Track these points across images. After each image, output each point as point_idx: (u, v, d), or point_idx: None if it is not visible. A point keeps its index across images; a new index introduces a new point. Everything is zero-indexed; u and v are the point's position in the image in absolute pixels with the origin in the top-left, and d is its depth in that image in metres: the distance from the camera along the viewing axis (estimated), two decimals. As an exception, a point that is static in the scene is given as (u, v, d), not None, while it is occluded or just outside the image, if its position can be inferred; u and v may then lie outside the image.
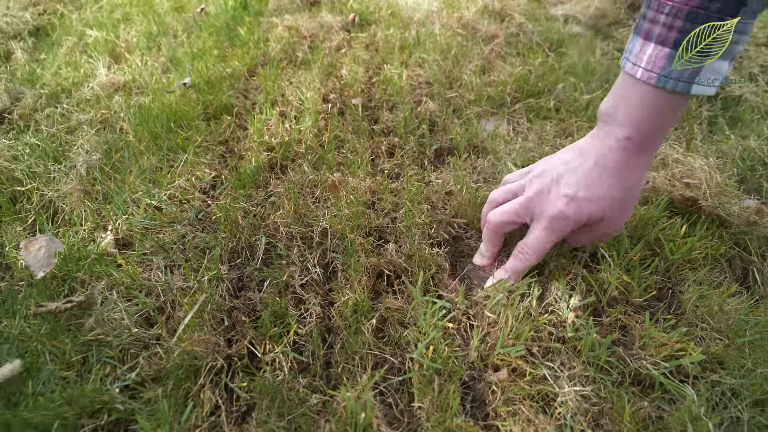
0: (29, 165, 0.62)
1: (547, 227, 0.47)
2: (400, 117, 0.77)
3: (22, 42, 0.90)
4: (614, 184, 0.46)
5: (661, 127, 0.45)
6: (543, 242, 0.47)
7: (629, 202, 0.48)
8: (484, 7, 1.09)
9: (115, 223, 0.59)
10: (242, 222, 0.58)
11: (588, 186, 0.46)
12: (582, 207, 0.46)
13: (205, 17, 1.04)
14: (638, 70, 0.43)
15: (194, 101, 0.77)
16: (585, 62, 0.89)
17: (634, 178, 0.46)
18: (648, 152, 0.46)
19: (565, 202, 0.46)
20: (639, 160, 0.46)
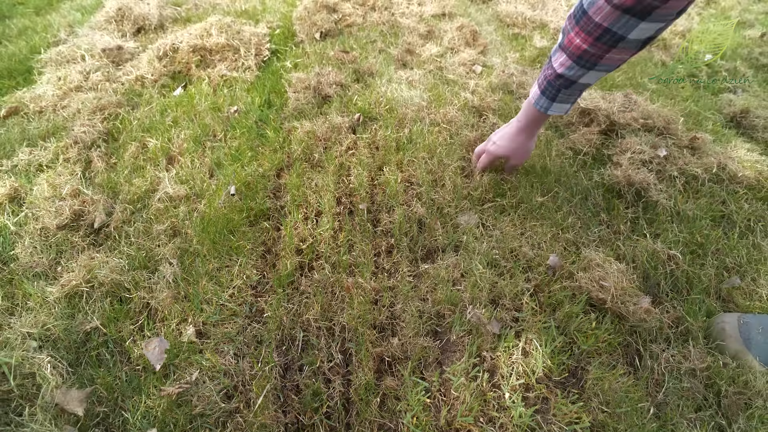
0: (133, 276, 0.87)
1: (486, 155, 1.05)
2: (396, 220, 1.01)
3: (97, 150, 1.14)
4: (512, 141, 1.00)
5: (534, 122, 0.95)
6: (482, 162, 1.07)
7: (521, 151, 1.01)
8: (465, 104, 1.34)
9: (195, 318, 0.84)
10: (285, 320, 0.83)
11: (502, 139, 1.01)
12: (498, 148, 1.02)
13: (237, 116, 1.28)
14: (530, 93, 0.90)
15: (239, 208, 1.02)
16: (542, 164, 1.14)
17: (523, 140, 0.99)
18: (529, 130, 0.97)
19: (492, 143, 1.03)
20: (523, 133, 0.98)
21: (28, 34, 1.76)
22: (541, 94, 0.87)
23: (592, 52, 0.74)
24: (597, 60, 0.75)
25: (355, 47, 1.65)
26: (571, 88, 0.82)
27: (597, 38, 0.72)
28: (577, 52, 0.76)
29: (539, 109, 0.89)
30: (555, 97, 0.85)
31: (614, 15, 0.68)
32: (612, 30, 0.70)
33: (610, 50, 0.73)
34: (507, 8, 1.90)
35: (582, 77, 0.80)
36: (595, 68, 0.77)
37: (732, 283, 0.91)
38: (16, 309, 0.84)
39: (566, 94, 0.84)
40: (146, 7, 1.75)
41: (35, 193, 1.01)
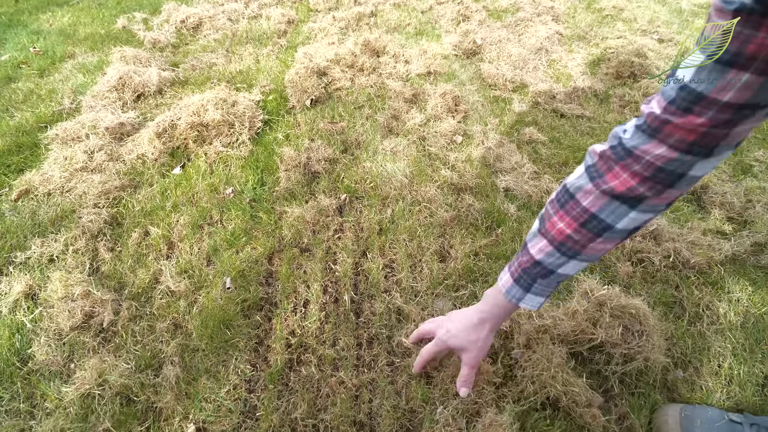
0: (140, 378, 0.98)
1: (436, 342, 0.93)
2: (377, 311, 1.12)
3: (103, 239, 1.24)
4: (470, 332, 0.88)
5: (501, 313, 0.85)
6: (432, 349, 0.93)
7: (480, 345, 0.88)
8: (445, 181, 1.44)
9: (195, 416, 0.95)
10: (275, 418, 0.94)
11: (457, 329, 0.89)
12: (451, 338, 0.90)
13: (233, 198, 1.39)
14: (500, 283, 0.82)
15: (234, 300, 1.12)
16: (512, 250, 1.24)
17: (483, 333, 0.87)
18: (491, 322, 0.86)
19: (445, 332, 0.91)
20: (485, 325, 0.87)
21: (33, 99, 1.85)
22: (515, 282, 0.78)
23: (576, 239, 0.69)
24: (580, 249, 0.69)
25: (344, 114, 1.75)
26: (548, 278, 0.75)
27: (582, 224, 0.67)
28: (560, 237, 0.70)
29: (510, 300, 0.80)
30: (530, 288, 0.77)
31: (602, 200, 0.65)
32: (599, 217, 0.66)
33: (595, 239, 0.68)
34: (489, 68, 2.00)
35: (561, 267, 0.73)
36: (576, 257, 0.71)
37: (676, 376, 1.02)
38: (36, 411, 0.95)
39: (542, 285, 0.76)
40: (146, 74, 1.85)
41: (49, 292, 1.11)
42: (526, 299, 0.78)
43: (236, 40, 2.28)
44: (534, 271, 0.75)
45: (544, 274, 0.74)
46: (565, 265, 0.72)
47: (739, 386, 1.00)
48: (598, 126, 1.74)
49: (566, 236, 0.69)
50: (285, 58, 2.13)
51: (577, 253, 0.70)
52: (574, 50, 2.21)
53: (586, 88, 1.90)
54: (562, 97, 1.86)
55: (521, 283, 0.78)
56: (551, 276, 0.74)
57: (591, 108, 1.83)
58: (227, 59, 2.10)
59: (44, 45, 2.26)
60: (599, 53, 2.18)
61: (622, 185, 0.62)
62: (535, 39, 2.16)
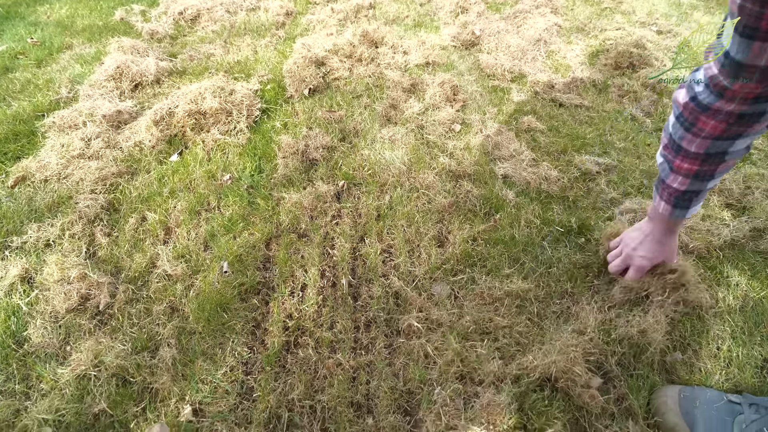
0: (136, 360, 0.97)
1: (636, 270, 1.05)
2: (374, 294, 1.11)
3: (100, 224, 1.24)
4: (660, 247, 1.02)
5: (676, 225, 0.99)
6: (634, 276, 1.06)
7: (673, 252, 1.04)
8: (443, 168, 1.44)
9: (191, 397, 0.94)
10: (272, 399, 0.93)
11: (650, 250, 1.02)
12: (649, 260, 1.03)
13: (230, 184, 1.38)
14: (660, 209, 0.95)
15: (232, 284, 1.12)
16: (510, 235, 1.24)
17: (670, 243, 1.02)
18: (674, 232, 1.01)
19: (641, 257, 1.03)
20: (669, 236, 1.01)
21: (30, 89, 1.85)
22: (674, 207, 0.92)
23: (705, 170, 0.81)
24: (713, 172, 0.82)
25: (342, 103, 1.75)
26: (699, 195, 0.89)
27: (703, 161, 0.80)
28: (691, 172, 0.83)
29: (676, 219, 0.96)
30: (688, 205, 0.91)
31: (707, 142, 0.76)
32: (712, 153, 0.77)
33: (721, 164, 0.80)
34: (488, 58, 1.99)
35: (707, 184, 0.86)
36: (714, 177, 0.84)
37: (675, 358, 1.01)
38: (31, 392, 0.94)
39: (698, 200, 0.91)
40: (143, 63, 1.84)
41: (45, 274, 1.10)
42: (689, 212, 0.93)
43: (234, 31, 2.28)
44: (686, 196, 0.89)
45: (695, 194, 0.88)
46: (709, 182, 0.85)
47: (738, 368, 1.00)
48: (597, 115, 1.74)
49: (695, 172, 0.82)
50: (283, 49, 2.13)
51: (712, 175, 0.83)
52: (573, 42, 2.21)
53: (585, 78, 1.90)
54: (560, 87, 1.86)
55: (680, 206, 0.91)
56: (701, 193, 0.88)
57: (590, 98, 1.82)
58: (225, 50, 2.10)
59: (42, 36, 2.25)
60: (598, 45, 2.18)
61: (715, 129, 0.73)
62: (534, 30, 2.15)
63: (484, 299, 1.12)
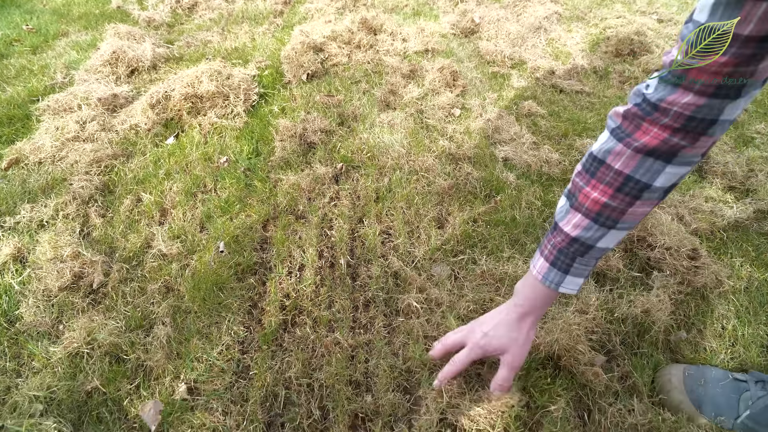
0: (130, 337, 0.95)
1: (470, 349, 0.82)
2: (373, 274, 1.10)
3: (94, 205, 1.22)
4: (511, 331, 0.80)
5: (541, 304, 0.78)
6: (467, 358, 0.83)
7: (523, 343, 0.80)
8: (443, 151, 1.42)
9: (186, 376, 0.92)
10: (269, 377, 0.91)
11: (495, 329, 0.81)
12: (490, 340, 0.81)
13: (227, 167, 1.36)
14: (534, 271, 0.76)
15: (227, 264, 1.10)
16: (512, 216, 1.22)
17: (525, 329, 0.80)
18: (533, 315, 0.80)
19: (481, 335, 0.81)
20: (526, 319, 0.80)
21: (25, 75, 1.83)
22: (551, 266, 0.74)
23: (614, 206, 0.66)
24: (619, 216, 0.67)
25: (341, 89, 1.73)
26: (587, 255, 0.71)
27: (618, 189, 0.65)
28: (596, 207, 0.67)
29: (548, 286, 0.75)
30: (569, 269, 0.73)
31: (635, 159, 0.62)
32: (635, 178, 0.63)
33: (634, 202, 0.65)
34: (487, 45, 1.98)
35: (600, 239, 0.69)
36: (616, 227, 0.68)
37: (679, 337, 0.99)
38: (23, 370, 0.92)
39: (581, 264, 0.72)
40: (140, 49, 1.82)
41: (38, 254, 1.08)
42: (566, 282, 0.74)
43: (232, 19, 2.26)
44: (571, 249, 0.71)
45: (582, 252, 0.71)
46: (604, 238, 0.69)
47: (743, 347, 0.98)
48: (598, 101, 1.72)
49: (602, 205, 0.66)
50: (281, 36, 2.11)
51: (616, 222, 0.67)
52: (573, 30, 2.19)
53: (586, 65, 1.88)
54: (561, 74, 1.84)
55: (559, 266, 0.73)
56: (590, 251, 0.71)
57: (590, 84, 1.81)
58: (222, 37, 2.08)
59: (37, 24, 2.23)
60: (598, 33, 2.16)
61: (654, 139, 0.60)
62: (534, 18, 2.14)
63: (484, 279, 1.10)
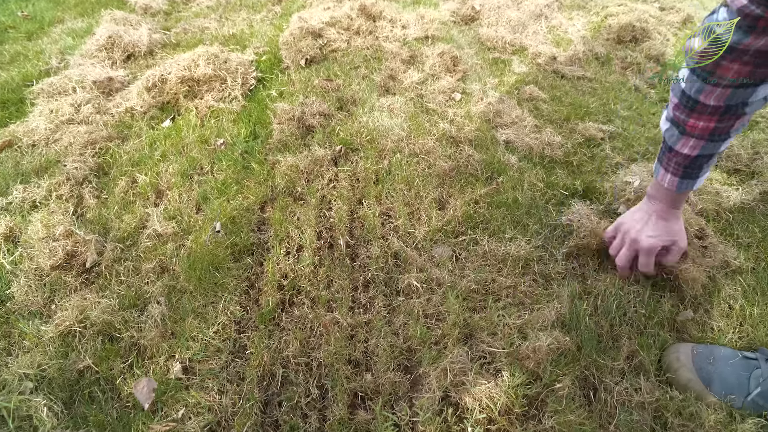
0: (123, 316, 0.93)
1: (647, 252, 0.91)
2: (373, 254, 1.07)
3: (89, 186, 1.19)
4: (668, 225, 0.90)
5: (680, 200, 0.89)
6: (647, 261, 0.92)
7: (680, 233, 0.91)
8: (443, 134, 1.40)
9: (181, 355, 0.90)
10: (266, 356, 0.89)
11: (656, 230, 0.90)
12: (661, 238, 0.90)
13: (224, 149, 1.34)
14: (665, 183, 0.87)
15: (224, 244, 1.07)
16: (513, 198, 1.20)
17: (678, 222, 0.91)
18: (678, 209, 0.90)
19: (650, 237, 0.90)
20: (674, 214, 0.90)
21: (20, 60, 1.80)
22: (682, 178, 0.85)
23: (722, 126, 0.75)
24: (729, 129, 0.76)
25: (339, 74, 1.71)
26: (710, 161, 0.83)
27: (721, 115, 0.73)
28: (706, 132, 0.76)
29: (686, 189, 0.87)
30: (699, 174, 0.84)
31: (727, 93, 0.70)
32: (732, 104, 0.71)
33: (741, 117, 0.74)
34: (488, 31, 1.95)
35: (720, 146, 0.80)
36: (729, 136, 0.78)
37: (686, 316, 0.97)
38: (13, 348, 0.90)
39: (708, 166, 0.84)
40: (136, 34, 1.80)
41: (29, 232, 1.06)
42: (698, 183, 0.86)
43: (230, 7, 2.23)
44: (698, 162, 0.81)
45: (707, 159, 0.81)
46: (723, 144, 0.79)
47: (751, 326, 0.96)
48: (600, 86, 1.70)
49: (712, 129, 0.75)
50: (280, 23, 2.08)
51: (728, 134, 0.77)
52: (574, 18, 2.17)
53: (587, 51, 1.86)
54: (562, 60, 1.82)
55: (690, 175, 0.84)
56: (713, 157, 0.82)
57: (592, 69, 1.79)
58: (220, 24, 2.06)
59: (33, 11, 2.20)
60: (599, 21, 2.14)
61: (739, 73, 0.67)
62: (534, 6, 2.11)
63: (486, 260, 1.07)
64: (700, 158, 0.81)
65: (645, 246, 0.90)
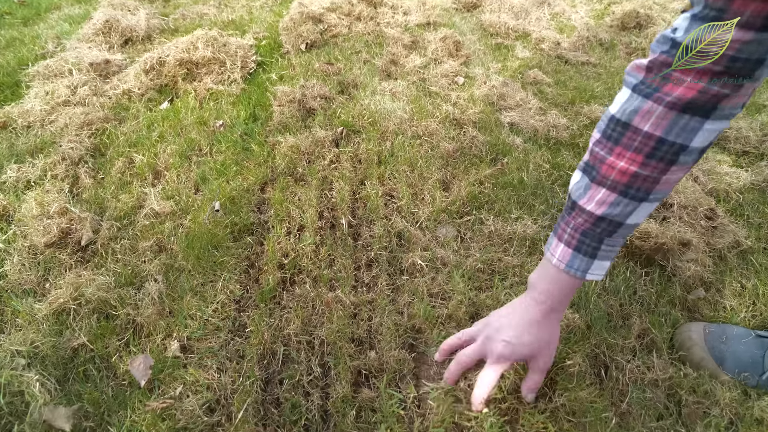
0: (119, 293, 0.90)
1: (495, 363, 0.69)
2: (376, 234, 1.05)
3: (85, 166, 1.17)
4: (537, 332, 0.67)
5: (566, 296, 0.67)
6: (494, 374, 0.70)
7: (551, 343, 0.69)
8: (446, 116, 1.37)
9: (179, 333, 0.87)
10: (267, 335, 0.86)
11: (519, 335, 0.67)
12: (515, 348, 0.67)
13: (223, 131, 1.31)
14: (553, 259, 0.65)
15: (223, 223, 1.05)
16: (519, 179, 1.17)
17: (552, 328, 0.68)
18: (558, 311, 0.68)
19: (503, 345, 0.67)
20: (552, 316, 0.68)
21: (16, 45, 1.77)
22: (575, 251, 0.63)
23: (645, 175, 0.57)
24: (651, 186, 0.58)
25: (340, 58, 1.68)
26: (615, 234, 0.62)
27: (649, 154, 0.56)
28: (624, 179, 0.58)
29: (574, 274, 0.64)
30: (596, 253, 0.63)
31: (669, 118, 0.54)
32: (668, 140, 0.54)
33: (669, 168, 0.56)
34: (491, 17, 1.93)
35: (631, 215, 0.60)
36: (648, 198, 0.59)
37: (697, 295, 0.95)
38: (5, 326, 0.87)
39: (608, 245, 0.63)
40: (134, 19, 1.77)
41: (23, 210, 1.03)
42: (593, 268, 0.64)
43: (229, -6, 2.21)
44: (598, 230, 0.61)
45: (610, 231, 0.61)
46: (634, 212, 0.60)
47: (764, 306, 0.93)
48: (605, 71, 1.68)
49: (632, 175, 0.57)
50: (279, 10, 2.06)
51: (648, 193, 0.58)
52: (578, 5, 2.15)
53: (591, 37, 1.83)
54: (566, 46, 1.80)
55: (584, 250, 0.63)
56: (619, 230, 0.61)
57: (596, 55, 1.76)
58: (219, 10, 2.03)
59: (29, -3, 2.18)
60: (602, 8, 2.12)
61: (690, 90, 0.51)
62: (538, -7, 2.09)
63: (492, 240, 1.05)
64: (603, 222, 0.61)
65: (495, 351, 0.68)
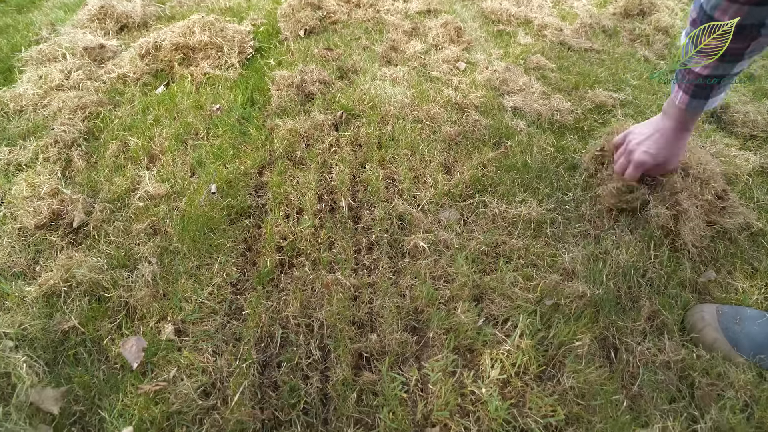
0: (112, 275, 0.87)
1: (635, 165, 0.95)
2: (377, 216, 1.02)
3: (78, 149, 1.13)
4: (668, 145, 0.92)
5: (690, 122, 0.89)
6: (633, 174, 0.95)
7: (679, 155, 0.95)
8: (448, 101, 1.34)
9: (174, 316, 0.84)
10: (264, 317, 0.83)
11: (655, 146, 0.92)
12: (652, 156, 0.92)
13: (220, 115, 1.28)
14: (676, 100, 0.86)
15: (220, 206, 1.02)
16: (523, 162, 1.14)
17: (681, 142, 0.92)
18: (686, 131, 0.91)
19: (644, 152, 0.93)
20: (680, 135, 0.91)
21: (9, 32, 1.74)
22: (692, 98, 0.84)
23: (735, 47, 0.72)
24: (743, 50, 0.73)
25: (340, 44, 1.65)
26: (723, 80, 0.80)
27: (735, 35, 0.70)
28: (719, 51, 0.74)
29: (695, 110, 0.86)
30: (709, 95, 0.83)
31: (743, 10, 0.67)
32: (747, 24, 0.68)
33: (753, 40, 0.71)
34: (492, 4, 1.90)
35: (734, 68, 0.77)
36: (744, 58, 0.75)
37: (708, 277, 0.92)
38: (-6, 309, 0.84)
39: (721, 88, 0.82)
40: (129, 6, 1.74)
41: (14, 192, 1.00)
42: (709, 103, 0.84)
43: (227, -18, 2.17)
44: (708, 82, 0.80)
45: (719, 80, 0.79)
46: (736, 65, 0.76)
47: (777, 287, 0.90)
48: (608, 57, 1.65)
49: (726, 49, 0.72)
50: (278, -2, 2.02)
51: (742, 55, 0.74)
52: (580, -6, 2.12)
53: (594, 24, 1.80)
54: (569, 32, 1.77)
55: (700, 95, 0.82)
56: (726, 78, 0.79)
57: (600, 42, 1.73)
58: (216, -3, 2.00)
59: (23, -15, 2.14)
60: (606, -3, 2.09)
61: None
62: (540, -19, 2.06)
63: (496, 222, 1.02)
64: (711, 78, 0.79)
65: (636, 159, 0.94)
